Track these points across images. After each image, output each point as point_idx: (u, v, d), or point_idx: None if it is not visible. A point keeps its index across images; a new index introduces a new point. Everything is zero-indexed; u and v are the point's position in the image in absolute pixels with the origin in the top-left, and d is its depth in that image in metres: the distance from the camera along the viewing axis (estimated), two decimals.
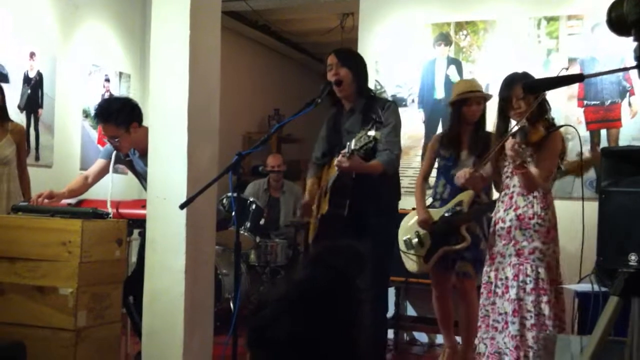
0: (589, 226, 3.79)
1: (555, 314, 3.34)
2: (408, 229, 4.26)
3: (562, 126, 3.55)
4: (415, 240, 4.19)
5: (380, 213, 3.55)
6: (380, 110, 3.53)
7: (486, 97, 4.19)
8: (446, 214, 4.07)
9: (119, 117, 3.81)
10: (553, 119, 3.53)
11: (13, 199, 4.27)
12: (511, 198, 3.48)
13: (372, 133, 3.19)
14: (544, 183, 3.40)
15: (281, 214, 6.16)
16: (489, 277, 3.54)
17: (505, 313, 3.40)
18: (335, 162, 3.32)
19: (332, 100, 3.65)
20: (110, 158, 4.04)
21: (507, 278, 3.42)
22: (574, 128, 3.92)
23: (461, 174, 3.52)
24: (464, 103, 4.11)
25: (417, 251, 4.17)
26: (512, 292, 3.37)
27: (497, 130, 3.51)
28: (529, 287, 3.35)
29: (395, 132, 3.55)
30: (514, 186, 3.48)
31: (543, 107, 3.43)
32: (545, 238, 3.39)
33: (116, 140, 3.85)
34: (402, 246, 4.25)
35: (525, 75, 3.52)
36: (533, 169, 3.37)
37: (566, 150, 3.57)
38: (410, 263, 4.23)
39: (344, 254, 1.25)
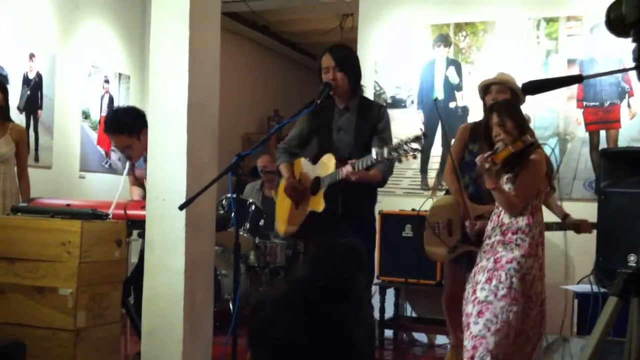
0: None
1: (522, 330, 3.26)
2: (439, 213, 4.02)
3: (538, 145, 3.42)
4: (445, 228, 3.98)
5: (369, 211, 3.65)
6: (377, 115, 3.58)
7: (512, 86, 3.92)
8: (486, 215, 3.72)
9: (130, 127, 3.86)
10: (532, 141, 3.40)
11: (9, 199, 4.27)
12: (499, 216, 3.45)
13: (416, 146, 3.14)
14: (521, 203, 3.34)
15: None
16: (468, 292, 3.49)
17: (467, 314, 3.35)
18: (344, 173, 3.32)
19: (326, 97, 3.65)
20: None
21: (477, 282, 3.37)
22: (550, 147, 3.66)
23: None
24: (487, 92, 3.97)
25: (444, 238, 3.96)
26: (482, 295, 3.28)
27: (483, 152, 3.47)
28: (500, 293, 3.25)
29: (389, 140, 3.58)
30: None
31: (521, 129, 3.39)
32: (525, 252, 3.31)
33: (129, 150, 3.90)
34: (429, 229, 4.00)
35: (505, 103, 3.53)
36: (510, 191, 3.36)
37: (553, 170, 3.50)
38: (434, 249, 4.01)
39: (343, 252, 1.25)
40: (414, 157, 3.19)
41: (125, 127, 3.90)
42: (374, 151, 3.25)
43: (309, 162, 3.72)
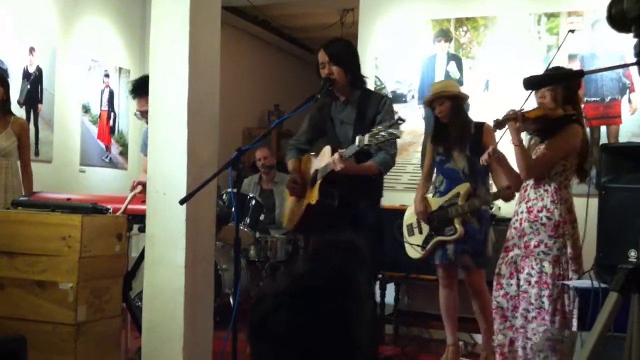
0: (589, 222, 3.83)
1: (555, 310, 3.34)
2: (411, 215, 4.37)
3: (579, 120, 3.50)
4: (416, 227, 4.32)
5: (371, 206, 3.63)
6: (377, 107, 3.57)
7: (448, 94, 4.17)
8: (444, 205, 4.15)
9: None
10: (578, 113, 3.49)
11: (11, 193, 4.27)
12: (525, 191, 3.52)
13: (392, 131, 3.16)
14: (537, 168, 3.41)
15: (276, 204, 6.18)
16: (499, 269, 3.57)
17: (514, 304, 3.46)
18: (331, 161, 3.33)
19: (328, 92, 3.66)
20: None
21: (519, 270, 3.47)
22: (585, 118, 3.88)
23: (485, 154, 3.58)
24: (432, 106, 4.25)
25: (417, 238, 4.29)
26: (519, 284, 3.42)
27: None
28: (533, 279, 3.38)
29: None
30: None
31: (569, 95, 3.45)
32: (552, 232, 3.39)
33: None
34: (405, 232, 4.38)
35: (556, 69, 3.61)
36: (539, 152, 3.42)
37: (588, 150, 3.54)
38: (412, 251, 4.33)
39: (343, 248, 1.25)
40: (391, 141, 3.25)
41: (148, 89, 3.94)
42: (357, 138, 3.27)
43: (313, 157, 3.75)
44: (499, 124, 3.41)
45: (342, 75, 3.54)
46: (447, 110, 4.15)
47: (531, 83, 3.00)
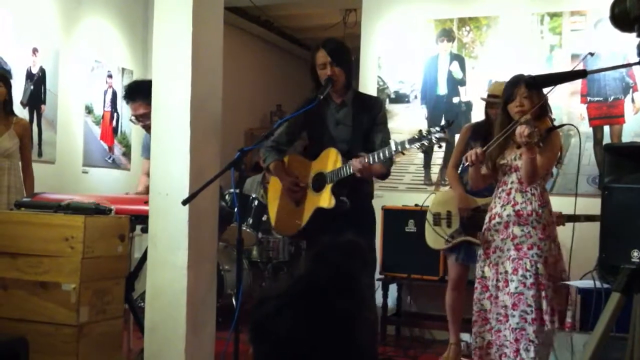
0: (592, 223, 3.83)
1: (553, 310, 3.36)
2: (440, 205, 4.33)
3: (564, 125, 3.59)
4: (444, 219, 4.28)
5: (369, 204, 3.62)
6: (376, 109, 3.56)
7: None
8: (482, 207, 4.08)
9: (149, 95, 3.85)
10: (554, 119, 3.56)
11: (14, 194, 4.28)
12: (509, 194, 3.50)
13: (442, 136, 3.18)
14: (542, 175, 3.45)
15: None
16: (482, 272, 3.56)
17: (505, 306, 3.42)
18: (356, 165, 3.29)
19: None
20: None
21: (506, 272, 3.44)
22: (575, 127, 3.98)
23: (471, 153, 3.48)
24: (490, 105, 4.21)
25: (443, 229, 4.26)
26: (512, 286, 3.39)
27: (501, 125, 3.53)
28: (528, 281, 3.37)
29: (389, 133, 3.59)
30: (512, 182, 3.51)
31: (544, 107, 3.49)
32: (542, 235, 3.42)
33: (147, 118, 3.92)
34: (429, 219, 4.33)
35: (530, 77, 3.55)
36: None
37: (563, 154, 3.61)
38: (434, 239, 4.30)
39: (346, 249, 1.25)
40: (440, 146, 3.30)
41: (142, 93, 3.97)
42: (392, 143, 3.25)
43: (302, 158, 3.68)
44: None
45: (343, 76, 3.52)
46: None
47: (535, 83, 3.00)
